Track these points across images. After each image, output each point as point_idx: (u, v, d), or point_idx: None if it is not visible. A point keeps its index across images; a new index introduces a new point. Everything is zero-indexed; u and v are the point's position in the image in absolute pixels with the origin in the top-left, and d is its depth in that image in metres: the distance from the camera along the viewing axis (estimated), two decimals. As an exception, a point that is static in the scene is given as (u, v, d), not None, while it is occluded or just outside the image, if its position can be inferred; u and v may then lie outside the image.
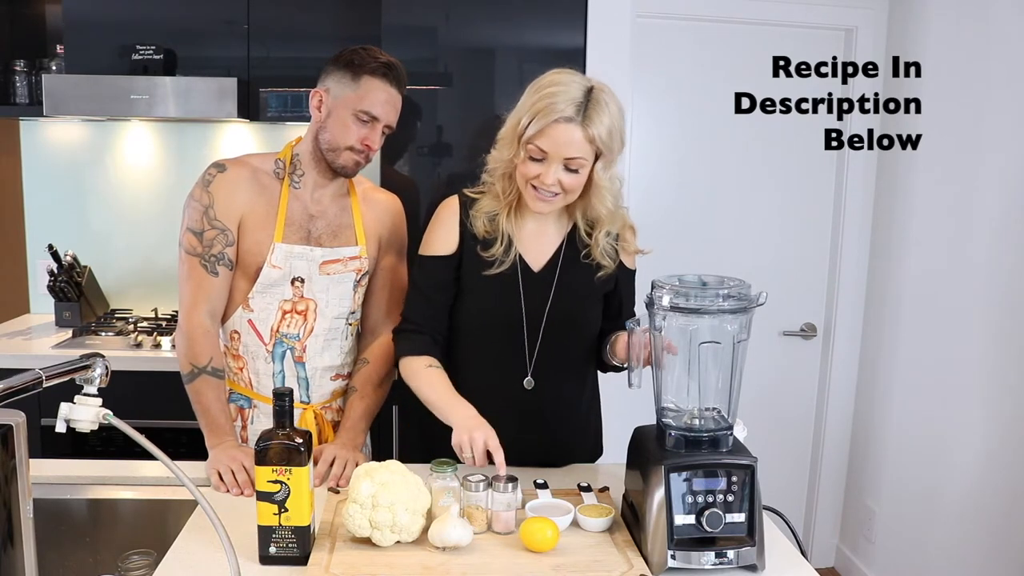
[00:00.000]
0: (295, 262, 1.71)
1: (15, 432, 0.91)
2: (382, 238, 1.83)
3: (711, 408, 1.37)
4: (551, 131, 1.49)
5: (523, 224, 1.66)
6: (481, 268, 1.64)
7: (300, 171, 1.74)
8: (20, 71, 2.86)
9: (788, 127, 3.05)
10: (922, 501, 2.81)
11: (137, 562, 1.47)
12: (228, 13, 2.76)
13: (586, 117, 1.48)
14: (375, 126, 1.69)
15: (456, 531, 1.31)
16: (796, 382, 3.21)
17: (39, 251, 3.03)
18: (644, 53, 2.91)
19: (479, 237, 1.64)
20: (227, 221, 1.68)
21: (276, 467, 1.26)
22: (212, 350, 1.68)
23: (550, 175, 1.51)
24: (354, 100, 1.67)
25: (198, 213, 1.68)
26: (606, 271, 1.66)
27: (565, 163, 1.51)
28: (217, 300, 1.70)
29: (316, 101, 1.71)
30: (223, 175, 1.70)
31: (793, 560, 1.37)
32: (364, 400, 1.78)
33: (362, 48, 1.71)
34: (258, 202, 1.70)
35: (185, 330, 1.68)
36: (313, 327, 1.74)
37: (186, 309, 1.69)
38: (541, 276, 1.66)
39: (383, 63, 1.68)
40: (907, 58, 2.85)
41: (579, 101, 1.48)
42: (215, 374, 1.68)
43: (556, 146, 1.49)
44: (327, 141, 1.69)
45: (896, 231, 2.94)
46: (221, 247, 1.68)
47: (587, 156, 1.51)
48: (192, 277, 1.68)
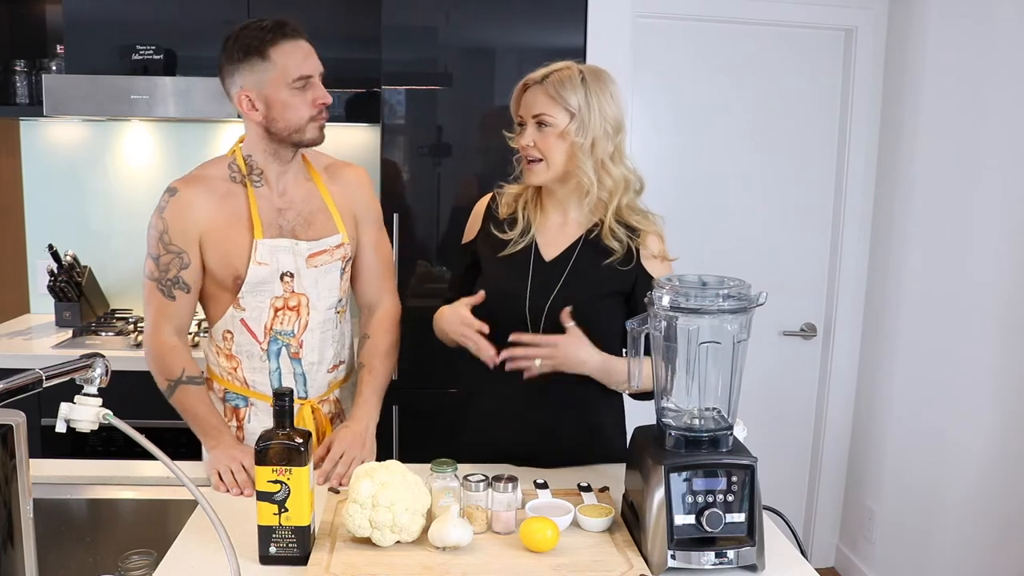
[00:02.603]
0: (280, 256, 1.69)
1: (15, 432, 0.91)
2: (357, 215, 1.81)
3: (711, 408, 1.37)
4: (524, 97, 1.68)
5: (547, 217, 1.74)
6: (497, 249, 1.72)
7: (257, 169, 1.72)
8: (20, 71, 2.86)
9: (788, 127, 3.06)
10: (922, 501, 2.81)
11: (137, 562, 1.47)
12: (228, 13, 2.76)
13: (548, 80, 1.64)
14: (313, 82, 1.66)
15: (456, 531, 1.31)
16: (796, 382, 3.21)
17: (39, 251, 3.03)
18: (644, 53, 2.91)
19: (501, 219, 1.75)
20: (182, 244, 1.66)
21: (276, 467, 1.26)
22: (183, 362, 1.69)
23: (527, 135, 1.66)
24: (280, 76, 1.62)
25: (155, 239, 1.68)
26: (615, 258, 1.67)
27: (535, 120, 1.65)
28: (179, 319, 1.71)
29: (247, 104, 1.65)
30: (175, 199, 1.67)
31: (793, 560, 1.37)
32: (373, 375, 1.79)
33: (243, 28, 1.64)
34: (219, 214, 1.68)
35: (153, 351, 1.69)
36: (307, 321, 1.74)
37: (150, 331, 1.70)
38: (552, 265, 1.70)
39: (275, 26, 1.63)
40: (907, 58, 2.86)
41: (546, 72, 1.67)
42: (192, 381, 1.68)
43: (526, 107, 1.67)
44: (285, 128, 1.65)
45: (896, 230, 2.94)
46: (176, 271, 1.67)
47: (554, 114, 1.63)
48: (152, 300, 1.69)
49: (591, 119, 1.63)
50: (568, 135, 1.63)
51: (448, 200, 2.63)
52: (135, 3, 2.79)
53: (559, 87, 1.62)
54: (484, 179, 2.56)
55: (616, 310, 1.68)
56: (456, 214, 2.59)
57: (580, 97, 1.62)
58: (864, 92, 3.01)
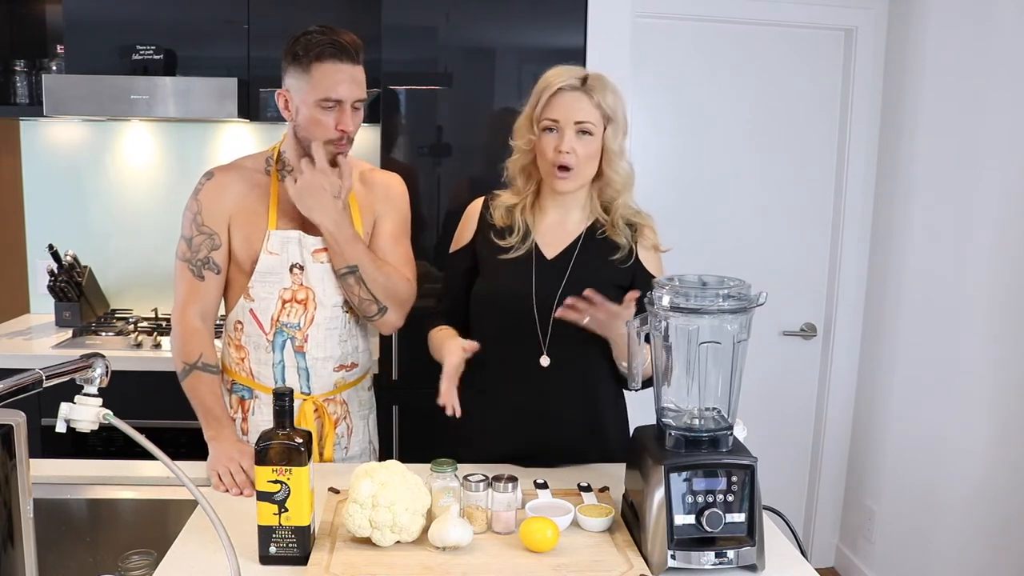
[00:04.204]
0: (291, 247, 1.73)
1: (15, 432, 0.91)
2: (377, 211, 1.84)
3: (711, 408, 1.37)
4: (559, 100, 1.64)
5: (544, 216, 1.75)
6: (497, 253, 1.73)
7: (289, 166, 1.76)
8: (20, 71, 2.86)
9: (788, 127, 3.06)
10: (922, 501, 2.81)
11: (137, 562, 1.47)
12: (228, 13, 2.76)
13: (587, 86, 1.64)
14: (342, 108, 1.67)
15: (456, 531, 1.31)
16: (796, 382, 3.21)
17: (39, 251, 3.03)
18: (644, 53, 2.91)
19: (497, 226, 1.74)
20: (214, 225, 1.73)
21: (276, 467, 1.26)
22: (202, 347, 1.72)
23: (565, 141, 1.62)
24: (311, 92, 1.65)
25: (189, 221, 1.74)
26: (622, 253, 1.70)
27: (577, 128, 1.63)
28: (207, 302, 1.75)
29: (283, 103, 1.72)
30: (210, 182, 1.75)
31: (793, 560, 1.37)
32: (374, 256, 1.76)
33: (304, 34, 1.68)
34: (248, 198, 1.75)
35: (177, 330, 1.74)
36: (314, 316, 1.76)
37: (178, 310, 1.75)
38: (554, 263, 1.71)
39: (328, 43, 1.65)
40: (907, 58, 2.86)
41: (580, 75, 1.65)
42: (206, 369, 1.71)
43: (566, 111, 1.63)
44: (305, 139, 1.71)
45: (896, 231, 2.94)
46: (207, 251, 1.73)
47: (595, 121, 1.64)
48: (183, 280, 1.75)
49: (620, 123, 1.67)
50: (607, 140, 1.66)
51: (448, 200, 2.63)
52: (135, 3, 2.79)
53: (602, 95, 1.64)
54: (485, 179, 2.56)
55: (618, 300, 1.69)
56: (456, 214, 2.58)
57: (614, 102, 1.66)
58: (864, 92, 3.01)
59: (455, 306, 1.79)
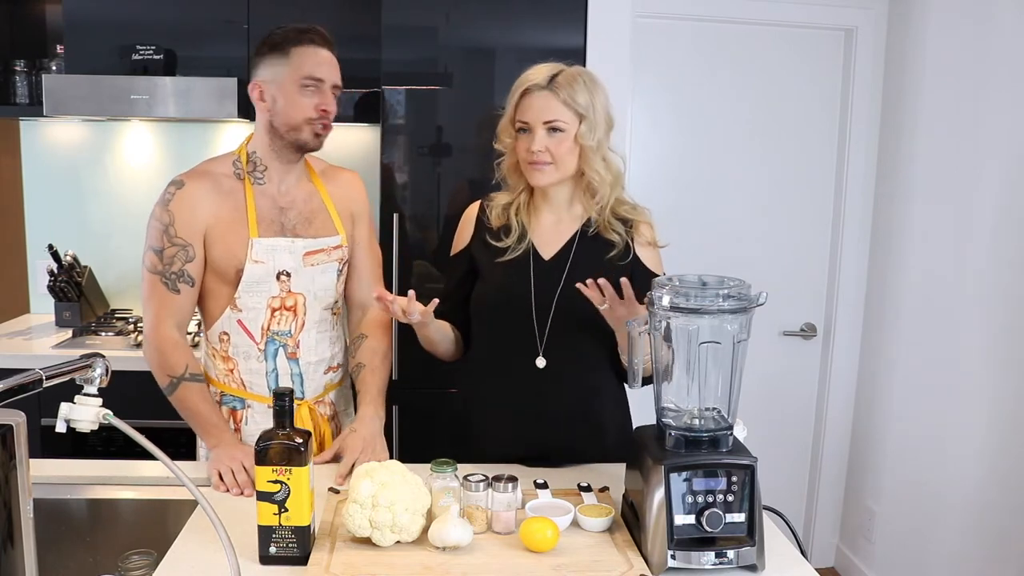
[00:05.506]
0: (278, 255, 1.70)
1: (15, 432, 0.91)
2: (354, 214, 1.84)
3: (711, 408, 1.37)
4: (528, 101, 1.65)
5: (539, 217, 1.75)
6: (494, 255, 1.73)
7: (262, 166, 1.74)
8: (20, 71, 2.86)
9: (788, 127, 3.06)
10: (922, 501, 2.81)
11: (137, 562, 1.47)
12: (228, 13, 2.76)
13: (555, 84, 1.63)
14: (323, 89, 1.69)
15: (456, 531, 1.31)
16: (796, 382, 3.21)
17: (39, 251, 3.03)
18: (644, 53, 2.91)
19: (493, 228, 1.74)
20: (188, 237, 1.67)
21: (276, 467, 1.26)
22: (186, 358, 1.68)
23: (536, 141, 1.64)
24: (293, 73, 1.67)
25: (158, 232, 1.67)
26: (617, 250, 1.70)
27: (547, 127, 1.63)
28: (181, 314, 1.70)
29: (256, 94, 1.71)
30: (181, 192, 1.68)
31: (793, 560, 1.37)
32: (376, 375, 1.79)
33: (276, 28, 1.72)
34: (223, 208, 1.69)
35: (155, 345, 1.67)
36: (304, 321, 1.74)
37: (152, 325, 1.68)
38: (552, 263, 1.71)
39: (303, 30, 1.69)
40: (907, 58, 2.86)
41: (549, 75, 1.65)
42: (194, 379, 1.68)
43: (535, 112, 1.64)
44: (284, 124, 1.68)
45: (896, 231, 2.94)
46: (181, 264, 1.67)
47: (566, 119, 1.63)
48: (154, 295, 1.68)
49: (596, 119, 1.65)
50: (580, 138, 1.65)
51: (448, 200, 2.63)
52: (135, 3, 2.79)
53: (571, 92, 1.63)
54: (484, 179, 2.56)
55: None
56: (456, 214, 2.58)
57: (587, 99, 1.64)
58: (864, 92, 3.01)
59: (453, 309, 1.79)
